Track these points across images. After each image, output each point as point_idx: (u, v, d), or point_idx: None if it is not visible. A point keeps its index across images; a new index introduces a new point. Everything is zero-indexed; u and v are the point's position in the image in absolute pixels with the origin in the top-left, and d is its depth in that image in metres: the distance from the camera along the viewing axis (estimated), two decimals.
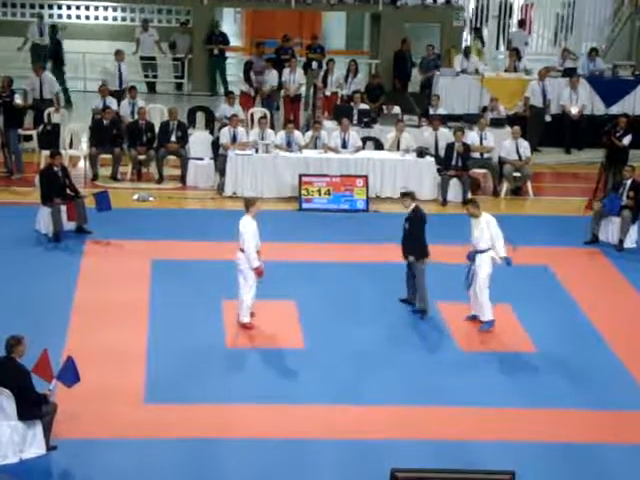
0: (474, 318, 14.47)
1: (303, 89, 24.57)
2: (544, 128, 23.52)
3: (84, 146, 21.36)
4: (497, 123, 21.83)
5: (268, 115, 22.50)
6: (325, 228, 17.38)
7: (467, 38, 28.23)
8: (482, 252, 14.19)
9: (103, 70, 24.10)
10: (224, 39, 26.82)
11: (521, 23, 28.60)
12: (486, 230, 14.15)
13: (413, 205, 14.71)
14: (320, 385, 12.68)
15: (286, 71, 24.30)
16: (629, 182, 17.84)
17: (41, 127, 20.99)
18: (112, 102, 21.60)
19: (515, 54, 24.81)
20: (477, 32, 28.02)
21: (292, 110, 24.19)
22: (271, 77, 24.22)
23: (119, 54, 24.17)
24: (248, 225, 13.83)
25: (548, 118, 23.56)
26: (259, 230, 13.95)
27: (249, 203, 14.08)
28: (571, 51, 26.50)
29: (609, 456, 11.35)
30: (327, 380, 12.79)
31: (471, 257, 14.30)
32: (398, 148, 20.47)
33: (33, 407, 10.70)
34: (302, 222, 18.64)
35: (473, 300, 14.40)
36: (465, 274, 14.33)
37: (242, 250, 13.89)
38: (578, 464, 11.18)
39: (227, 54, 27.12)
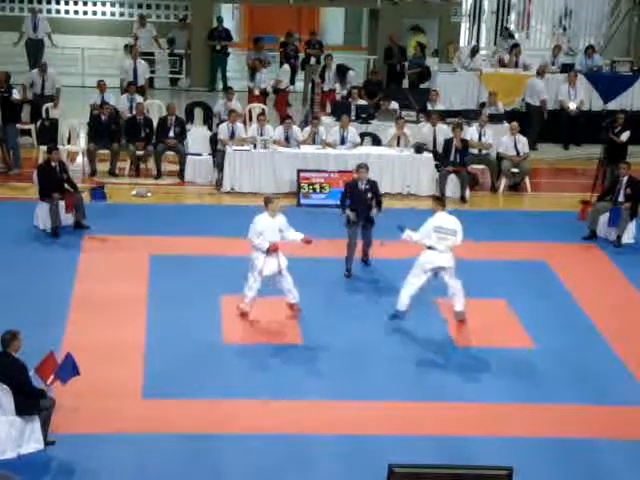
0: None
1: (284, 84, 24.68)
2: (543, 124, 23.57)
3: (82, 142, 21.35)
4: (495, 118, 21.82)
5: (266, 110, 22.51)
6: (323, 224, 17.35)
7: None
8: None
9: (120, 67, 24.08)
10: (227, 35, 26.81)
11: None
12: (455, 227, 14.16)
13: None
14: (319, 381, 12.69)
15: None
16: (625, 179, 17.85)
17: (39, 122, 20.98)
18: (110, 97, 21.58)
19: (517, 49, 24.81)
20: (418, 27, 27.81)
21: (280, 103, 24.47)
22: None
23: (133, 51, 24.25)
24: (257, 221, 14.13)
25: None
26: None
27: (267, 201, 14.37)
28: (568, 47, 26.46)
29: (607, 451, 11.35)
30: (325, 376, 12.80)
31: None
32: (398, 144, 20.43)
33: (31, 400, 10.68)
34: (300, 218, 18.56)
35: (450, 294, 14.32)
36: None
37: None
38: (576, 459, 11.18)
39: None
